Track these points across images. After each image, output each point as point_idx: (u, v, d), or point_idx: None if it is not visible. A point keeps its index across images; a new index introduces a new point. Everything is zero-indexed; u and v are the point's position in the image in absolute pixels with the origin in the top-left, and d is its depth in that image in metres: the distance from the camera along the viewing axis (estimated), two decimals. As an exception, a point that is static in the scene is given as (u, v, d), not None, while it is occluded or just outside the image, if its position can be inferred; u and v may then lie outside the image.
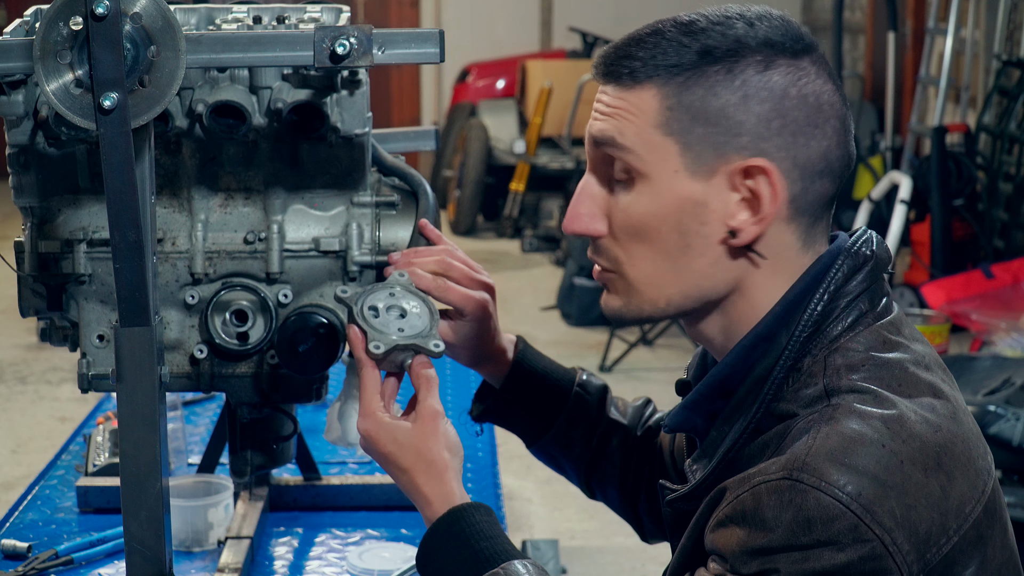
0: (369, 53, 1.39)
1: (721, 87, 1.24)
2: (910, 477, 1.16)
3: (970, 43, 6.78)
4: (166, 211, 1.66)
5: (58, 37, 1.30)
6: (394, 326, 1.44)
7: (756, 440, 1.25)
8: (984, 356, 4.07)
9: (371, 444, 1.40)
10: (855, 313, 1.27)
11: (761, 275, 1.29)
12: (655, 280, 1.30)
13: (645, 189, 1.28)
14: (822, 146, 1.26)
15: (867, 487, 1.14)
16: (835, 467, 1.14)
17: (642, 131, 1.27)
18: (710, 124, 1.25)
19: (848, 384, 1.22)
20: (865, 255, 1.29)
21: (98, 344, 1.65)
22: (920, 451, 1.18)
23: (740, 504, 1.17)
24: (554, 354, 1.78)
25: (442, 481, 1.37)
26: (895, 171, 6.20)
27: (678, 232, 1.27)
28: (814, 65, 1.27)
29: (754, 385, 1.27)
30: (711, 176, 1.26)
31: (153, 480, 1.44)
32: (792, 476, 1.15)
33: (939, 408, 1.23)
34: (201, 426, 2.61)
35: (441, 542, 1.35)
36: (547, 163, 8.38)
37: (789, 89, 1.25)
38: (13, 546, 2.03)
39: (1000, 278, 5.55)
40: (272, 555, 2.05)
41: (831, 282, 1.27)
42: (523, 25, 10.12)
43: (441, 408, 1.41)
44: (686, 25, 1.27)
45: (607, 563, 4.12)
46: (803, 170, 1.25)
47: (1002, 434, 3.35)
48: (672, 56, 1.26)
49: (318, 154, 1.66)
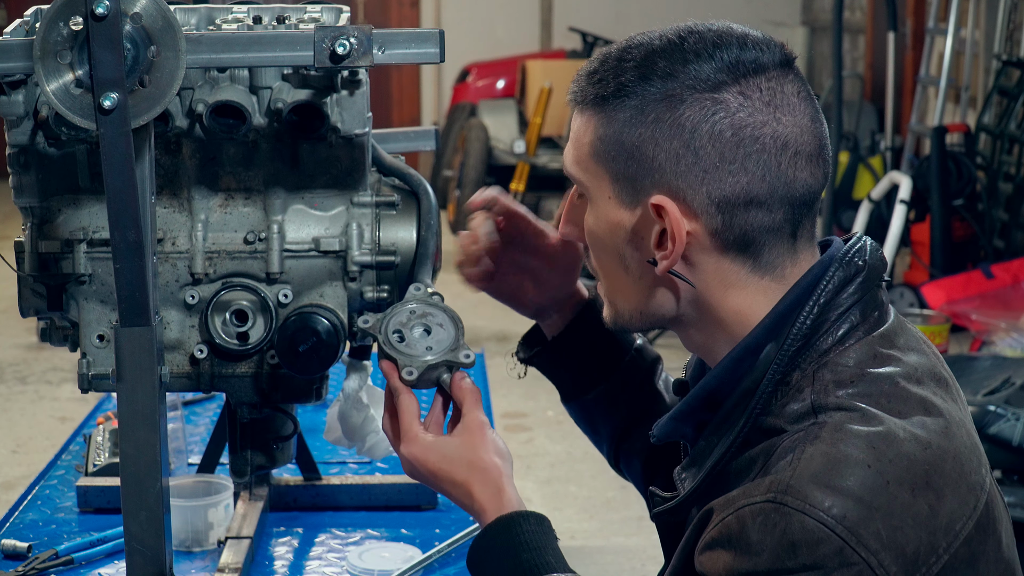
0: (369, 53, 1.39)
1: (636, 122, 1.25)
2: (896, 497, 1.15)
3: (970, 43, 6.78)
4: (166, 211, 1.66)
5: (58, 37, 1.30)
6: (422, 345, 1.46)
7: (743, 454, 1.24)
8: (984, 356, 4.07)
9: (418, 465, 1.40)
10: (846, 326, 1.25)
11: (713, 297, 1.28)
12: (618, 294, 1.34)
13: (592, 209, 1.33)
14: (740, 181, 1.23)
15: (852, 509, 1.13)
16: (819, 489, 1.13)
17: (581, 157, 1.31)
18: (630, 158, 1.26)
19: (836, 401, 1.21)
20: (857, 265, 1.27)
21: (98, 344, 1.65)
22: (907, 470, 1.16)
23: (726, 527, 1.16)
24: (554, 354, 1.77)
25: (497, 488, 1.37)
26: (895, 171, 6.20)
27: (616, 254, 1.31)
28: (743, 96, 1.23)
29: (742, 398, 1.26)
30: (635, 206, 1.28)
31: (153, 480, 1.44)
32: (776, 499, 1.14)
33: (930, 424, 1.21)
34: (201, 426, 2.61)
35: (487, 551, 1.35)
36: (547, 163, 8.38)
37: (700, 125, 1.22)
38: (13, 546, 2.03)
39: (1000, 278, 5.55)
40: (272, 555, 2.05)
41: (821, 294, 1.25)
42: (523, 25, 10.12)
43: (486, 419, 1.43)
44: (622, 53, 1.28)
45: (607, 563, 4.12)
46: (720, 205, 1.23)
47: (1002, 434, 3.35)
48: (600, 87, 1.28)
49: (318, 154, 1.66)
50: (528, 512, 1.36)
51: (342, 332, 1.64)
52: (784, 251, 1.27)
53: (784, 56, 1.26)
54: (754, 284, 1.27)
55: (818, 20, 9.60)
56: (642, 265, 1.29)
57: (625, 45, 1.28)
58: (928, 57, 6.70)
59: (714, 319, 1.29)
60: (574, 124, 1.32)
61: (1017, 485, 3.39)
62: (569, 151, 1.33)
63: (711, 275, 1.27)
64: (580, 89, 1.30)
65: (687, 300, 1.29)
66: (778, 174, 1.23)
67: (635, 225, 1.28)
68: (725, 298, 1.28)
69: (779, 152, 1.23)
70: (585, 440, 1.75)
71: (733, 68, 1.23)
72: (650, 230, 1.27)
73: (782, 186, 1.24)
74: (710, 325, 1.30)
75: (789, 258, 1.28)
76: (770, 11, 9.57)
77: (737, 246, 1.25)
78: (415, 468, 1.41)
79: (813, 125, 1.26)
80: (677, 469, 1.34)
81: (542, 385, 1.75)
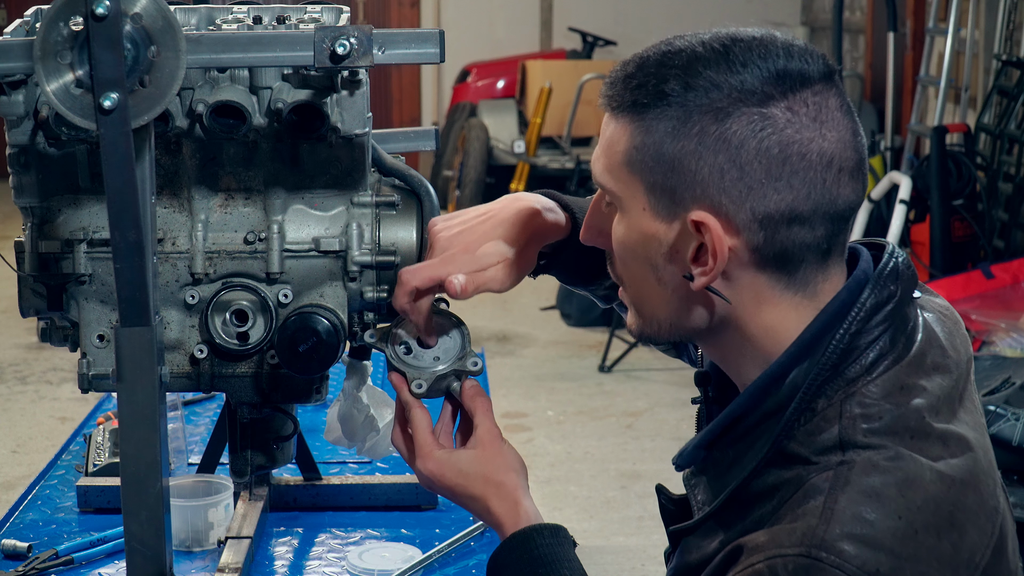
0: (369, 53, 1.39)
1: (679, 133, 1.21)
2: (923, 544, 1.16)
3: (970, 43, 6.77)
4: (166, 211, 1.66)
5: (58, 37, 1.30)
6: (429, 356, 1.47)
7: (765, 476, 1.23)
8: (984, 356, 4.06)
9: (436, 481, 1.42)
10: (874, 353, 1.24)
11: (746, 313, 1.27)
12: (645, 303, 1.32)
13: (622, 219, 1.29)
14: (786, 199, 1.20)
15: (884, 563, 1.13)
16: (852, 544, 1.14)
17: (614, 166, 1.27)
18: (668, 170, 1.23)
19: (864, 440, 1.20)
20: (890, 291, 1.26)
21: (98, 344, 1.65)
22: (934, 514, 1.17)
23: (756, 574, 1.16)
24: (554, 354, 1.79)
25: (514, 501, 1.40)
26: (895, 171, 6.20)
27: (649, 265, 1.28)
28: (791, 111, 1.20)
29: (762, 418, 1.26)
30: (672, 219, 1.24)
31: (153, 480, 1.44)
32: (811, 554, 1.14)
33: (952, 462, 1.21)
34: (201, 426, 2.61)
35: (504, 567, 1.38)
36: (547, 163, 8.39)
37: (748, 141, 1.20)
38: (13, 546, 2.04)
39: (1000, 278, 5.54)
40: (272, 555, 2.05)
41: (852, 323, 1.24)
42: (523, 25, 10.12)
43: (498, 430, 1.43)
44: (663, 59, 1.24)
45: (607, 563, 4.12)
46: (763, 222, 1.21)
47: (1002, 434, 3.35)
48: (639, 93, 1.24)
49: (318, 154, 1.66)
50: (543, 525, 1.39)
51: (342, 332, 1.64)
52: (818, 267, 1.26)
53: (827, 67, 1.24)
54: (787, 301, 1.26)
55: (818, 20, 9.60)
56: (676, 279, 1.26)
57: (665, 50, 1.24)
58: (928, 57, 6.69)
59: (744, 335, 1.28)
60: (606, 130, 1.28)
61: (1017, 485, 3.39)
62: (599, 158, 1.29)
63: (746, 290, 1.25)
64: (616, 94, 1.26)
65: (719, 315, 1.27)
66: (823, 191, 1.21)
67: (671, 238, 1.24)
68: (757, 314, 1.26)
69: (824, 169, 1.21)
70: (585, 440, 1.75)
71: (780, 80, 1.20)
72: (687, 244, 1.24)
73: (826, 203, 1.22)
74: (739, 340, 1.29)
75: (822, 274, 1.26)
76: (770, 11, 9.57)
77: (776, 262, 1.23)
78: (432, 484, 1.44)
79: (855, 140, 1.24)
80: (686, 474, 1.35)
81: (542, 385, 1.75)
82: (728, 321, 1.28)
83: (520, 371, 5.85)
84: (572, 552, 1.38)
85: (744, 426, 1.27)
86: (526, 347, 6.19)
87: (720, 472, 1.29)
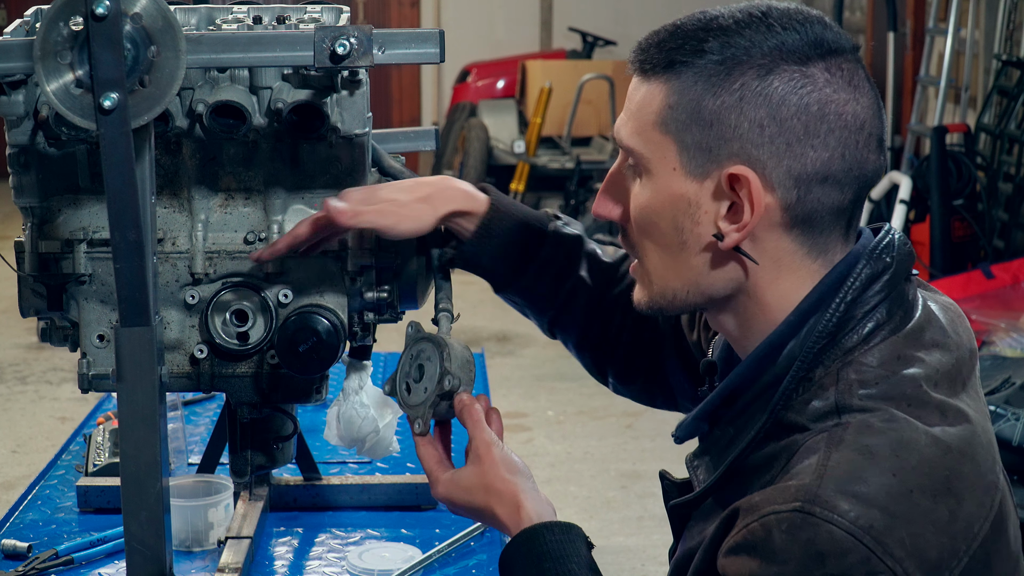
0: (369, 53, 1.39)
1: (720, 89, 1.24)
2: (918, 505, 1.15)
3: (970, 43, 6.78)
4: (166, 211, 1.66)
5: (58, 37, 1.30)
6: (421, 388, 1.50)
7: (763, 449, 1.24)
8: (984, 356, 4.06)
9: (450, 504, 1.46)
10: (871, 324, 1.25)
11: (765, 278, 1.28)
12: (661, 273, 1.32)
13: (647, 183, 1.30)
14: (821, 156, 1.23)
15: (877, 519, 1.13)
16: (845, 499, 1.14)
17: (644, 127, 1.28)
18: (705, 126, 1.24)
19: (859, 403, 1.21)
20: (885, 262, 1.28)
21: (98, 344, 1.65)
22: (929, 476, 1.17)
23: (751, 534, 1.16)
24: (554, 354, 1.79)
25: (514, 506, 1.40)
26: (895, 171, 6.20)
27: (674, 228, 1.28)
28: (828, 72, 1.24)
29: (761, 392, 1.27)
30: (704, 178, 1.26)
31: (153, 480, 1.44)
32: (804, 508, 1.14)
33: (950, 429, 1.21)
34: (201, 426, 2.61)
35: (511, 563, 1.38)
36: (547, 163, 8.39)
37: (789, 97, 1.23)
38: (13, 546, 2.03)
39: (1000, 278, 5.54)
40: (272, 555, 2.05)
41: (848, 292, 1.25)
42: (523, 25, 10.12)
43: (492, 437, 1.45)
44: (702, 23, 1.27)
45: (607, 563, 4.12)
46: (798, 179, 1.24)
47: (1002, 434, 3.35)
48: (675, 53, 1.26)
49: (318, 154, 1.66)
50: (553, 522, 1.39)
51: (342, 332, 1.64)
52: (838, 235, 1.28)
53: (854, 43, 1.28)
54: (806, 268, 1.28)
55: (818, 20, 9.58)
56: (702, 241, 1.27)
57: (700, 16, 1.27)
58: (928, 57, 6.70)
59: (759, 303, 1.29)
60: (635, 94, 1.29)
61: (1017, 485, 3.39)
62: (626, 123, 1.30)
63: (769, 254, 1.27)
64: (648, 57, 1.28)
65: (737, 282, 1.29)
66: (855, 152, 1.24)
67: (701, 198, 1.26)
68: (776, 280, 1.28)
69: (858, 131, 1.25)
70: (585, 440, 1.76)
71: (818, 44, 1.24)
72: (716, 203, 1.26)
73: (857, 165, 1.25)
74: (752, 310, 1.30)
75: (840, 243, 1.29)
76: (770, 11, 9.55)
77: (803, 224, 1.26)
78: (451, 506, 1.47)
79: (880, 111, 1.28)
80: (689, 456, 1.35)
81: (542, 385, 1.76)
82: (745, 288, 1.29)
83: (520, 371, 5.85)
84: (584, 549, 1.37)
85: (743, 400, 1.28)
86: (526, 347, 6.19)
87: (721, 450, 1.30)
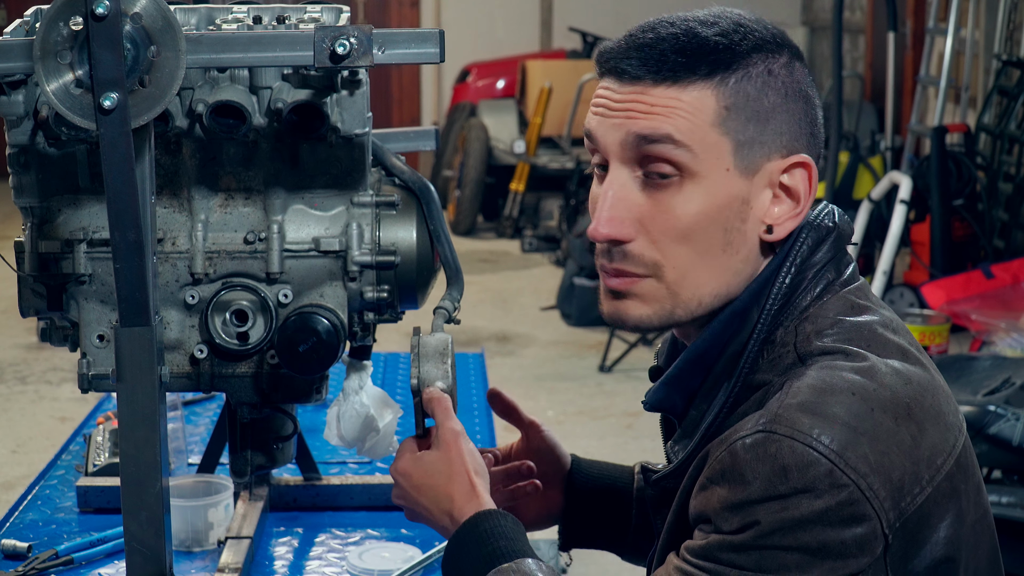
0: (369, 53, 1.39)
1: (768, 88, 1.28)
2: (881, 424, 1.18)
3: (970, 43, 6.78)
4: (166, 211, 1.66)
5: (58, 37, 1.30)
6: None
7: (736, 412, 1.27)
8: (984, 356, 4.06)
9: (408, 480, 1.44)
10: (823, 283, 1.31)
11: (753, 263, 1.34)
12: (692, 281, 1.31)
13: (696, 188, 1.28)
14: (823, 135, 1.34)
15: (839, 434, 1.16)
16: (807, 416, 1.17)
17: (699, 129, 1.27)
18: (761, 123, 1.28)
19: (819, 347, 1.25)
20: (827, 226, 1.33)
21: (98, 344, 1.65)
22: (891, 400, 1.20)
23: (719, 463, 1.19)
24: (554, 354, 1.79)
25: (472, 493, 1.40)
26: (895, 171, 6.19)
27: (723, 230, 1.30)
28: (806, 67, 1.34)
29: (730, 361, 1.30)
30: (755, 174, 1.29)
31: (153, 480, 1.44)
32: (766, 428, 1.17)
33: (909, 364, 1.25)
34: (201, 426, 2.61)
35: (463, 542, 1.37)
36: (547, 163, 8.39)
37: (807, 89, 1.32)
38: (13, 546, 2.03)
39: (1000, 278, 5.54)
40: (272, 555, 2.05)
41: (796, 255, 1.31)
42: (523, 25, 10.12)
43: (460, 427, 1.44)
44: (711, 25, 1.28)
45: (607, 563, 4.11)
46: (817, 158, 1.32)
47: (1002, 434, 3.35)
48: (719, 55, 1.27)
49: (318, 154, 1.66)
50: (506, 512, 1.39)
51: (342, 332, 1.64)
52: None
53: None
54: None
55: (818, 20, 9.60)
56: (748, 238, 1.31)
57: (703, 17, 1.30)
58: (928, 57, 6.69)
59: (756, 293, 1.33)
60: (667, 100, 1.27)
61: (1017, 485, 3.38)
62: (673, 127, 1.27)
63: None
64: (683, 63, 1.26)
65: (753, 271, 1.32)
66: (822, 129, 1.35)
67: (751, 194, 1.30)
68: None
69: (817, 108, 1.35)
70: (585, 440, 1.77)
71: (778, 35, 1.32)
72: (759, 197, 1.30)
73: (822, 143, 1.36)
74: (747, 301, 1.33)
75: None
76: (770, 11, 9.56)
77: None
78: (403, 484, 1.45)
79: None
80: (669, 443, 1.38)
81: (542, 385, 1.76)
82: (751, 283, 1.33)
83: (520, 371, 5.85)
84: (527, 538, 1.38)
85: (713, 375, 1.31)
86: (526, 347, 6.19)
87: (696, 427, 1.32)
